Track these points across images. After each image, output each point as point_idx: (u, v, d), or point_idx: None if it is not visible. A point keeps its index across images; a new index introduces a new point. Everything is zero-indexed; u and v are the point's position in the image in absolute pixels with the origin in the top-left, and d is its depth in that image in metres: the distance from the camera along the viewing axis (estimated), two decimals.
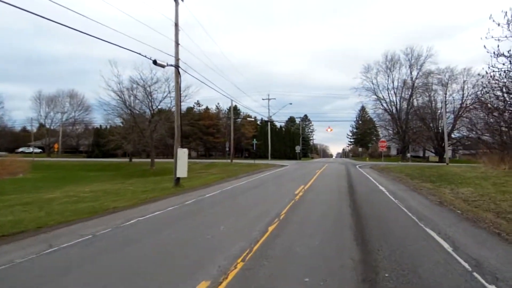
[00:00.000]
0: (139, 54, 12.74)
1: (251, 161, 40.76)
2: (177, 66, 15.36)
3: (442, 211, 8.26)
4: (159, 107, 34.37)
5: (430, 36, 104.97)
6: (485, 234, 5.99)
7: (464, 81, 51.31)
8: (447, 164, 31.08)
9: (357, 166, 31.17)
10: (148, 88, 30.92)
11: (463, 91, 51.42)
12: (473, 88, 50.11)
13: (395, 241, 5.36)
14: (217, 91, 75.22)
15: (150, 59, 13.21)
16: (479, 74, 17.72)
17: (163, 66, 14.65)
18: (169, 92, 30.32)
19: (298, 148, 54.52)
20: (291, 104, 48.91)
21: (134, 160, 44.96)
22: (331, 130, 55.98)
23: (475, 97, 21.08)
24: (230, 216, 7.75)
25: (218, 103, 69.19)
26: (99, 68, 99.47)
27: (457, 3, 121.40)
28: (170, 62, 14.69)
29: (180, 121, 15.73)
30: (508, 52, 13.72)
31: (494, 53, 13.91)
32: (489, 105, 19.13)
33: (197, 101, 65.04)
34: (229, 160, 41.54)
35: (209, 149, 65.84)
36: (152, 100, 31.70)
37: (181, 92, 29.57)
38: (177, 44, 15.33)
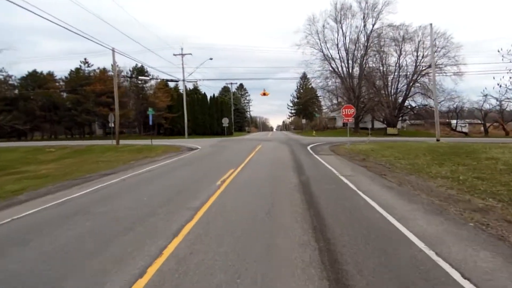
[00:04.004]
0: None
1: (153, 141, 26.72)
2: None
3: None
4: None
5: None
6: None
7: (419, 41, 42.85)
8: (438, 140, 21.05)
9: (308, 148, 19.37)
10: None
11: (417, 52, 43.03)
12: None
13: None
14: (91, 39, 57.04)
15: None
16: None
17: None
18: None
19: (225, 121, 40.82)
20: (211, 59, 37.45)
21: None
22: (267, 94, 43.59)
23: None
24: None
25: (117, 63, 49.83)
26: None
27: None
28: None
29: None
30: None
31: None
32: None
33: (84, 58, 46.89)
34: (127, 141, 28.62)
35: (107, 126, 48.98)
36: None
37: None
38: None
